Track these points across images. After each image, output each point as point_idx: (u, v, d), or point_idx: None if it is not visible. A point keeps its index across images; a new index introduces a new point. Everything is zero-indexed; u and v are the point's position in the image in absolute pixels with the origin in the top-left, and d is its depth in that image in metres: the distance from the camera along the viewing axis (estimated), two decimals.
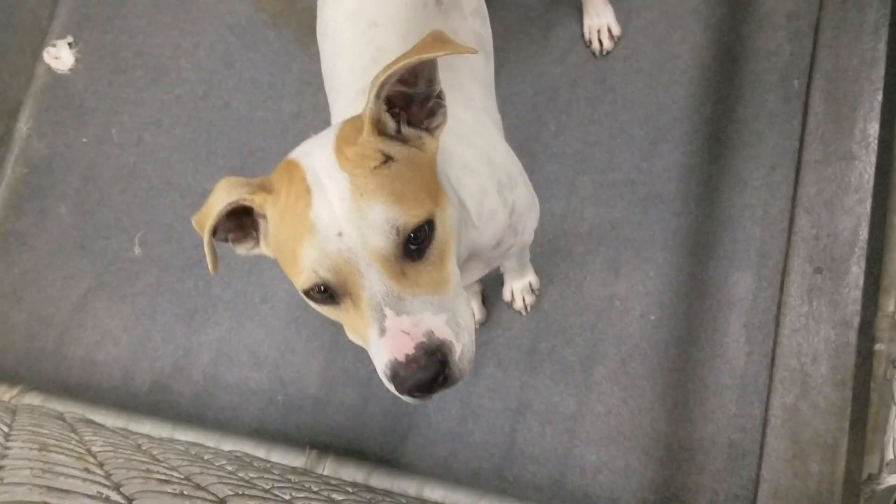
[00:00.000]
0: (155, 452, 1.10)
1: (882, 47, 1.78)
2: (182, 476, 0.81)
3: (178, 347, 2.04)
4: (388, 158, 0.86)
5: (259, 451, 1.72)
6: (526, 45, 2.02)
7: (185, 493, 0.66)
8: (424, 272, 0.84)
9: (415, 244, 0.83)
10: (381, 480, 1.65)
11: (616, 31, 1.95)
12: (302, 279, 0.83)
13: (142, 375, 2.05)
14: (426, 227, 0.84)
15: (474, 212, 1.06)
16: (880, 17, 1.80)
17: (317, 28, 1.35)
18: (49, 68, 2.35)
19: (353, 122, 0.90)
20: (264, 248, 0.98)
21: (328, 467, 1.68)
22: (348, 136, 0.88)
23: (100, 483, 0.61)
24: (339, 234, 0.80)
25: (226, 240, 0.99)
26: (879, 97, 1.75)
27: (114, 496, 0.58)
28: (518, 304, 1.83)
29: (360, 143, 0.86)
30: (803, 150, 1.76)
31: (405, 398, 0.82)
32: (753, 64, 1.89)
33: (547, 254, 1.87)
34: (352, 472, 1.66)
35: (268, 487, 0.90)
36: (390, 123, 0.89)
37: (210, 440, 1.77)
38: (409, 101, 0.92)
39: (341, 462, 1.70)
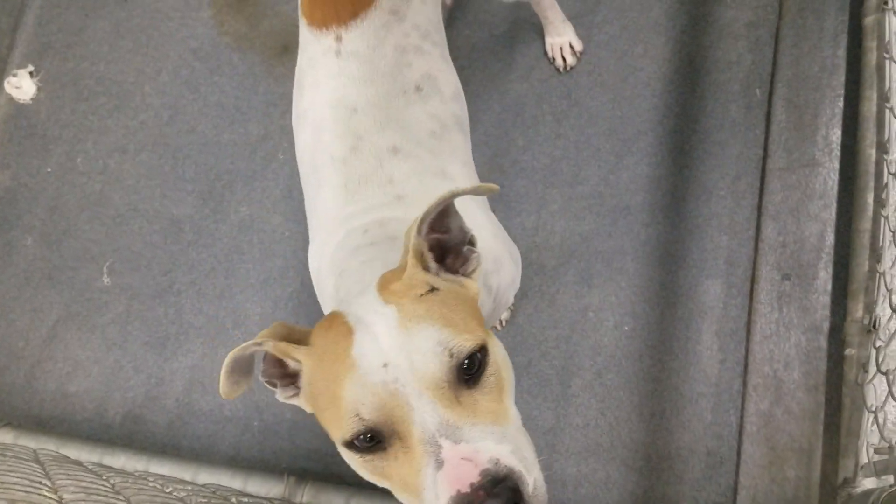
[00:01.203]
0: (129, 494, 1.09)
1: (842, 54, 1.81)
2: None
3: (150, 376, 2.02)
4: (433, 288, 0.82)
5: (236, 481, 1.70)
6: (491, 63, 2.02)
7: None
8: (482, 401, 0.76)
9: (468, 373, 0.76)
10: None
11: (578, 47, 1.96)
12: (343, 427, 0.75)
13: (114, 406, 2.02)
14: (480, 353, 0.77)
15: None
16: (839, 24, 1.83)
17: (292, 119, 1.33)
18: (10, 98, 2.31)
19: (393, 270, 0.88)
20: (303, 402, 0.91)
21: (307, 493, 1.67)
22: (390, 278, 0.85)
23: None
24: (385, 366, 0.74)
25: (273, 384, 0.92)
26: (841, 103, 1.78)
27: None
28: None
29: (405, 278, 0.83)
30: (767, 159, 1.78)
31: None
32: (715, 74, 1.91)
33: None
34: (331, 498, 1.65)
35: None
36: (432, 264, 0.88)
37: (186, 472, 1.74)
38: (443, 253, 0.90)
39: (320, 488, 1.68)
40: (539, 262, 1.87)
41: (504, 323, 1.83)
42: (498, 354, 0.82)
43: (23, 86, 2.29)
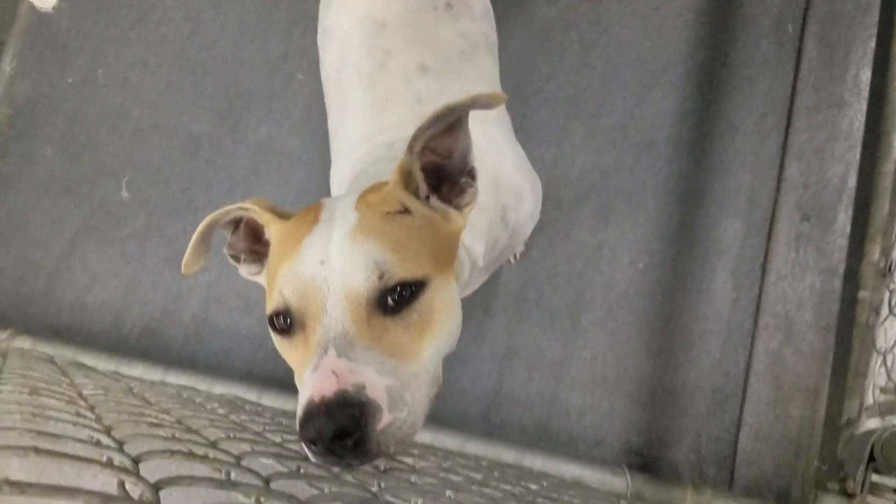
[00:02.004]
0: (146, 395, 1.11)
1: None
2: (174, 419, 0.82)
3: (167, 292, 2.04)
4: (405, 210, 0.81)
5: (250, 394, 1.74)
6: None
7: (177, 436, 0.67)
8: (393, 331, 0.75)
9: (395, 301, 0.75)
10: None
11: None
12: (270, 300, 0.78)
13: (132, 319, 2.05)
14: (413, 288, 0.76)
15: (483, 259, 1.04)
16: None
17: (318, 34, 1.30)
18: (32, 7, 2.29)
19: (381, 182, 0.87)
20: (262, 277, 0.93)
21: None
22: (374, 189, 0.85)
23: (91, 427, 0.61)
24: (321, 262, 0.75)
25: (236, 259, 0.95)
26: (872, 43, 1.73)
27: (105, 440, 0.59)
28: None
29: (383, 192, 0.83)
30: (795, 97, 1.75)
31: (309, 452, 0.71)
32: (748, 7, 1.86)
33: None
34: None
35: (259, 430, 0.91)
36: (422, 185, 0.86)
37: (201, 384, 1.78)
38: (441, 179, 0.88)
39: None
40: (557, 195, 1.86)
41: (518, 257, 1.83)
42: (441, 297, 0.80)
43: None
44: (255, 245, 0.93)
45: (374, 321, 0.74)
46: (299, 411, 0.69)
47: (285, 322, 0.77)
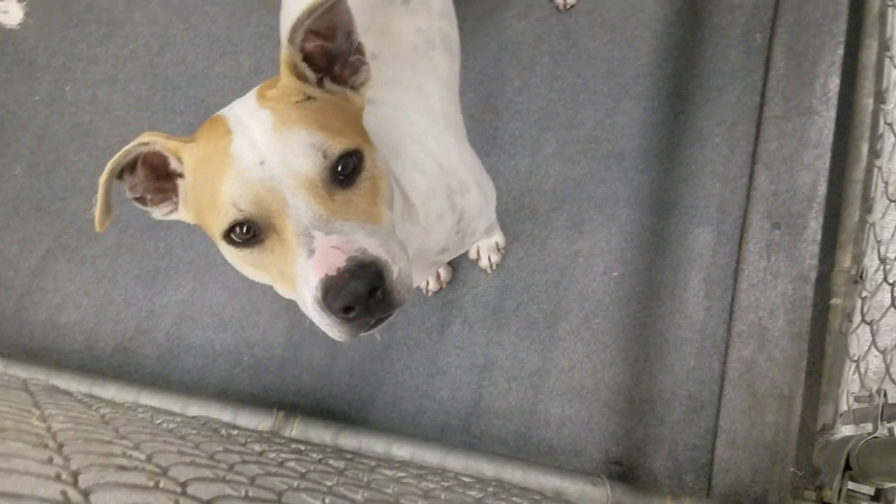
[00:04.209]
0: (118, 424, 1.10)
1: (844, 0, 1.78)
2: (144, 456, 0.81)
3: (140, 310, 2.02)
4: (309, 97, 0.83)
5: (225, 414, 1.72)
6: None
7: (144, 482, 0.66)
8: (355, 200, 0.80)
9: (343, 174, 0.79)
10: (349, 440, 1.67)
11: None
12: (221, 219, 0.78)
13: (105, 338, 2.03)
14: (354, 157, 0.80)
15: (421, 210, 1.05)
16: None
17: (280, 19, 1.30)
18: None
19: (271, 79, 0.87)
20: (182, 211, 0.93)
21: (296, 428, 1.69)
22: (268, 85, 0.86)
23: (56, 479, 0.60)
24: (262, 163, 0.76)
25: (143, 202, 0.93)
26: (840, 51, 1.75)
27: (71, 492, 0.58)
28: (484, 263, 1.84)
29: (279, 86, 0.84)
30: (764, 106, 1.77)
31: (339, 330, 0.76)
32: (717, 18, 1.88)
33: (512, 211, 1.87)
34: (320, 433, 1.68)
35: (232, 463, 0.90)
36: (309, 73, 0.87)
37: (176, 404, 1.77)
38: (331, 61, 0.90)
39: (309, 423, 1.71)
40: (531, 206, 1.87)
41: (494, 267, 1.84)
42: (375, 162, 0.84)
43: (10, 10, 2.23)
44: (159, 182, 0.92)
45: (336, 196, 0.78)
46: (317, 294, 0.73)
47: (247, 232, 0.78)
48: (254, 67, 2.09)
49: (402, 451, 1.66)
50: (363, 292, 0.72)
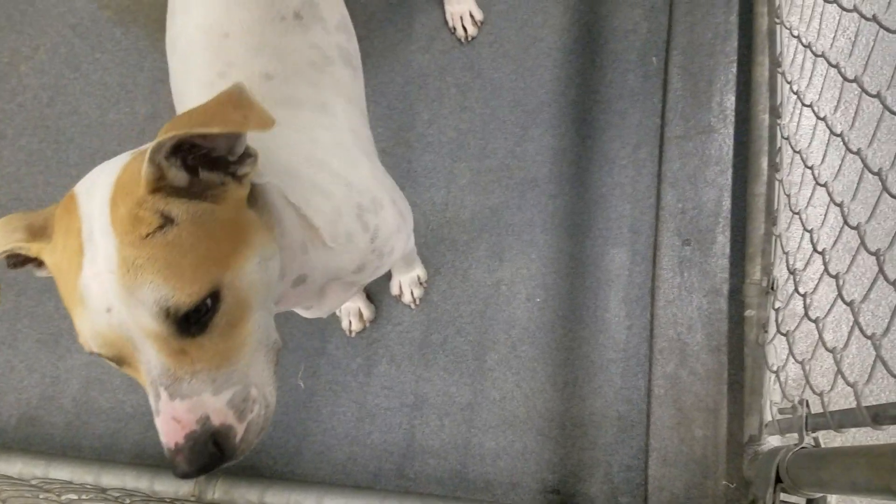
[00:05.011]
0: None
1: (734, 20, 1.86)
2: None
3: (44, 375, 1.90)
4: (167, 221, 0.74)
5: (142, 480, 1.62)
6: (391, 34, 1.97)
7: None
8: (209, 345, 0.75)
9: (195, 320, 0.74)
10: (276, 497, 1.59)
11: (478, 16, 1.93)
12: (80, 339, 0.76)
13: (8, 409, 1.90)
14: (209, 300, 0.74)
15: (327, 232, 1.01)
16: None
17: (166, 44, 1.25)
18: None
19: (139, 163, 0.76)
20: None
21: (218, 490, 1.61)
22: (127, 184, 0.75)
23: None
24: (109, 311, 0.72)
25: (19, 265, 0.86)
26: (734, 69, 1.82)
27: None
28: (407, 298, 1.81)
29: (135, 202, 0.74)
30: (665, 127, 1.82)
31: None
32: (613, 43, 1.93)
33: (432, 244, 1.86)
34: (244, 493, 1.60)
35: None
36: (178, 178, 0.76)
37: (88, 474, 1.65)
38: (212, 157, 0.79)
39: (232, 483, 1.63)
40: (451, 237, 1.86)
41: (418, 301, 1.81)
42: (240, 285, 0.78)
43: None
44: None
45: (187, 347, 0.74)
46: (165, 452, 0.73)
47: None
48: (150, 113, 2.02)
49: (335, 502, 1.60)
50: (196, 471, 0.73)
